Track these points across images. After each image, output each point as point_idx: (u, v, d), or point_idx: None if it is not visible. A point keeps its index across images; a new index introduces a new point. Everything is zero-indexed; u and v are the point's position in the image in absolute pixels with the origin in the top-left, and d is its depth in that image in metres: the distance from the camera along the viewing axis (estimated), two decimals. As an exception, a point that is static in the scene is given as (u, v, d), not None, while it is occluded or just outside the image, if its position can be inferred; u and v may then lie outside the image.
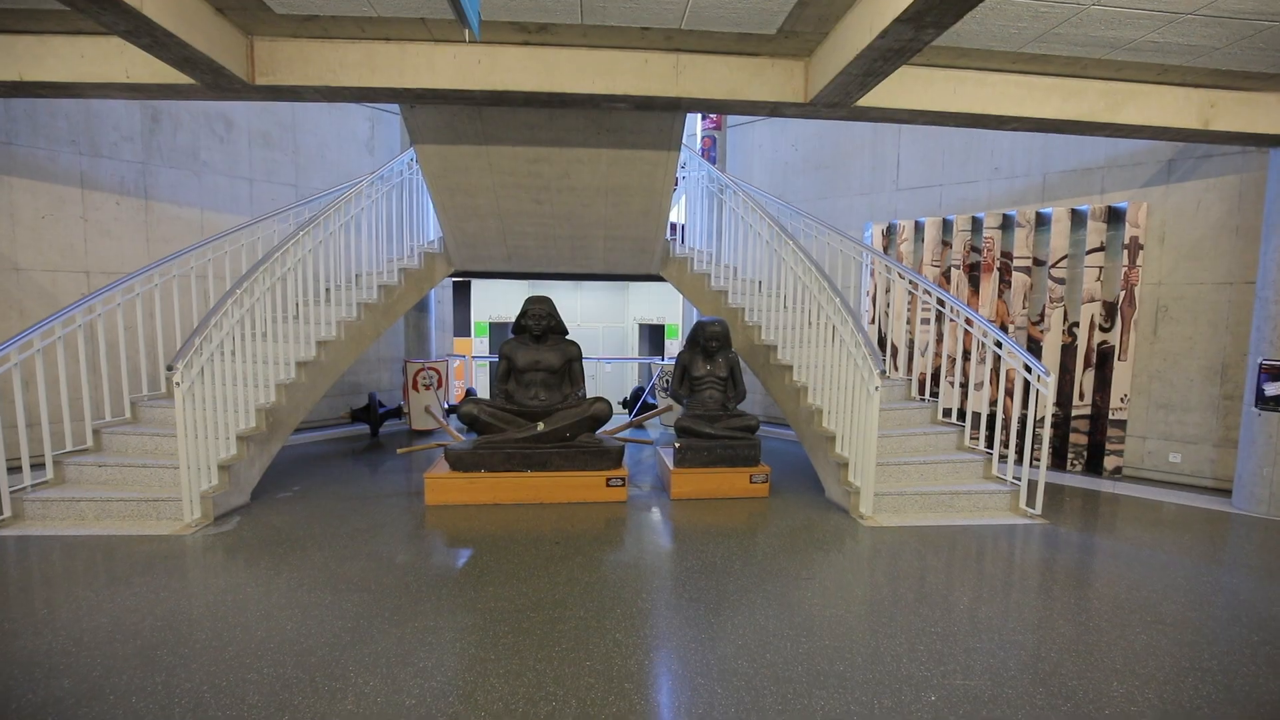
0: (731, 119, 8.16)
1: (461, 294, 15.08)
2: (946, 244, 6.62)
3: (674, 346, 16.09)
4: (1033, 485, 4.65)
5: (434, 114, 4.48)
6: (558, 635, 2.80)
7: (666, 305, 16.19)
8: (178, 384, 4.02)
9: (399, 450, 5.83)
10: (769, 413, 8.13)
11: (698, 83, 3.93)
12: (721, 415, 5.13)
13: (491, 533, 4.13)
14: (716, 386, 5.23)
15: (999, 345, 4.88)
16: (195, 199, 6.53)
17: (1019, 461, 4.82)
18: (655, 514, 4.59)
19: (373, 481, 5.37)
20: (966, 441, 5.27)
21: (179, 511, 4.20)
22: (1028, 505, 4.64)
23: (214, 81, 3.76)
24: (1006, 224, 6.20)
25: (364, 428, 7.42)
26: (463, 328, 15.11)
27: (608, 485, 4.80)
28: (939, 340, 6.42)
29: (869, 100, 4.08)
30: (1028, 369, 4.63)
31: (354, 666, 2.53)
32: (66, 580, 3.33)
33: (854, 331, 4.59)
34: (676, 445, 4.97)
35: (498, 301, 15.21)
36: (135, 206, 6.14)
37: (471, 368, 9.74)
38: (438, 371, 7.32)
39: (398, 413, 7.50)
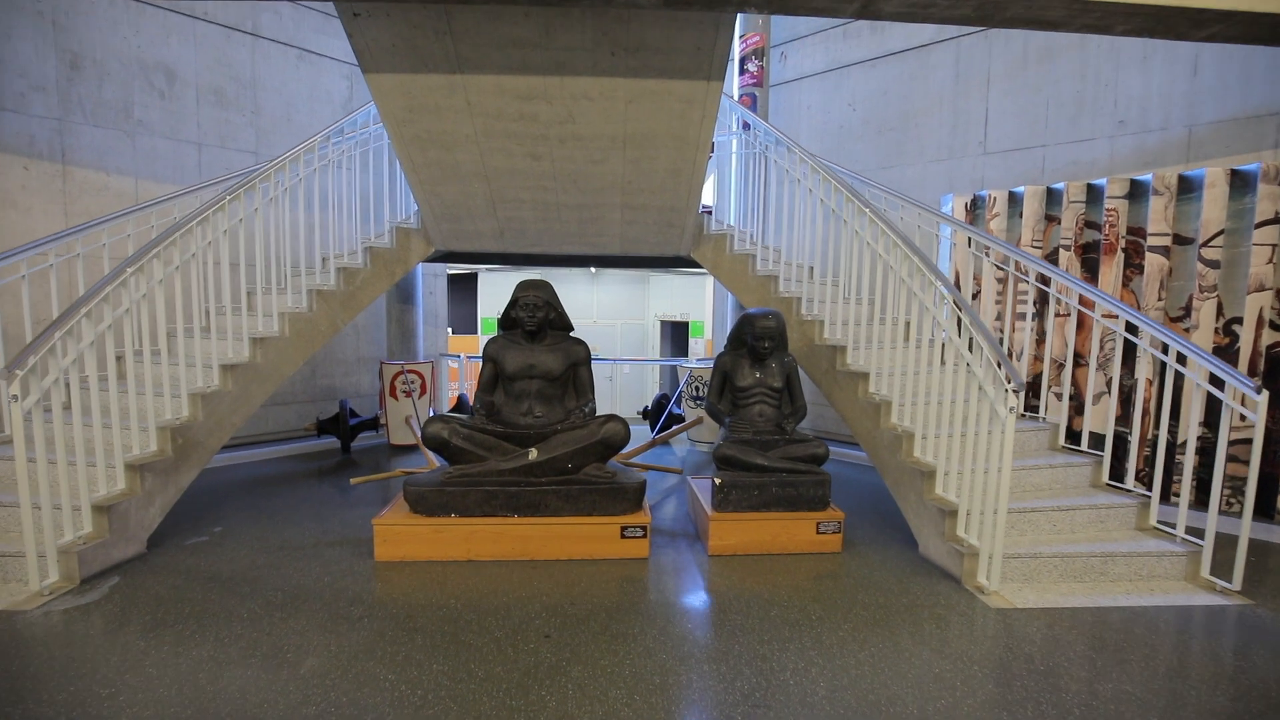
0: (774, 75, 6.85)
1: (467, 286, 13.93)
2: (1052, 219, 5.24)
3: (699, 346, 14.75)
4: (1216, 540, 3.31)
5: (387, 26, 3.25)
6: None
7: (691, 300, 14.88)
8: (14, 397, 2.84)
9: (353, 481, 4.61)
10: (817, 426, 6.81)
11: (759, -44, 2.65)
12: (776, 440, 3.84)
13: (456, 613, 2.89)
14: (769, 400, 3.93)
15: (1158, 347, 3.54)
16: (129, 165, 5.39)
17: (1193, 506, 3.47)
18: (688, 580, 3.32)
19: (320, 520, 4.17)
20: (1105, 478, 3.93)
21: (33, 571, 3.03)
22: (1213, 575, 3.29)
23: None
24: (1136, 192, 4.81)
25: (334, 441, 6.24)
26: (468, 324, 13.96)
27: (623, 536, 3.53)
28: (1040, 341, 5.07)
29: (1010, -14, 2.77)
30: (1215, 382, 3.28)
31: None
32: None
33: (970, 329, 3.28)
34: (716, 480, 3.69)
35: (508, 294, 14.02)
36: (49, 172, 5.01)
37: (475, 370, 8.54)
38: (420, 376, 6.11)
39: (374, 424, 6.32)
